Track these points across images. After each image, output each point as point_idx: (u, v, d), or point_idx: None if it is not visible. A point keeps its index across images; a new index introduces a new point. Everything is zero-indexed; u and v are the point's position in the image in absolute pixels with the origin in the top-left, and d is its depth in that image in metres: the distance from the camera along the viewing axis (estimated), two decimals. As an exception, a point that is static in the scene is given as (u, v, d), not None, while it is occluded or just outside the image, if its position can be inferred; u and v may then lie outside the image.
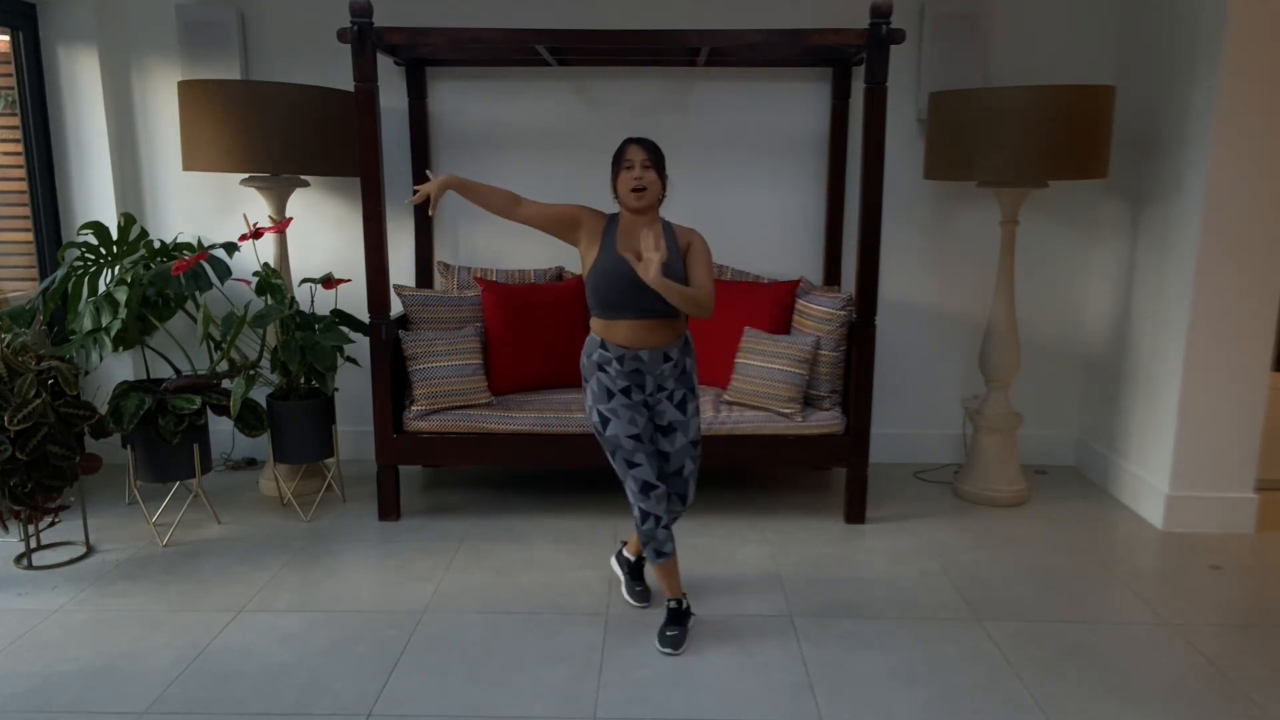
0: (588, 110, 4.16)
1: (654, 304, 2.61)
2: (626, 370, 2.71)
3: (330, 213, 4.27)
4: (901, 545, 3.49)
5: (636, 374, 2.71)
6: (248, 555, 3.38)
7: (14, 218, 4.08)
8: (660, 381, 2.74)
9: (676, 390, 2.76)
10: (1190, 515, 3.64)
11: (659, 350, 2.69)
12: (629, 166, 2.63)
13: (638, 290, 2.58)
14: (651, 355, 2.69)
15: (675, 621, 2.78)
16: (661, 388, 2.75)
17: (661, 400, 2.76)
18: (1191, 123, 3.50)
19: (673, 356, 2.73)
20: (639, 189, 2.62)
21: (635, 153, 2.63)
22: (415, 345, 3.63)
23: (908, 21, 4.02)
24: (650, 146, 2.66)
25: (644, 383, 2.73)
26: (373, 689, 2.53)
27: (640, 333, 2.67)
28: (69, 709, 2.43)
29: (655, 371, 2.72)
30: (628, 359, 2.69)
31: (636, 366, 2.70)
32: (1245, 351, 3.54)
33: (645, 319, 2.65)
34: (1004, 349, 3.84)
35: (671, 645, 2.71)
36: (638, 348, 2.68)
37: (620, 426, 2.70)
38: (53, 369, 3.21)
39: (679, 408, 2.76)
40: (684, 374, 2.77)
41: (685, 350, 2.77)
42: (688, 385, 2.78)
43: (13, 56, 3.94)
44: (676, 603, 2.80)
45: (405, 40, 3.35)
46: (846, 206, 4.13)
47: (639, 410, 2.74)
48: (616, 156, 2.67)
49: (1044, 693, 2.52)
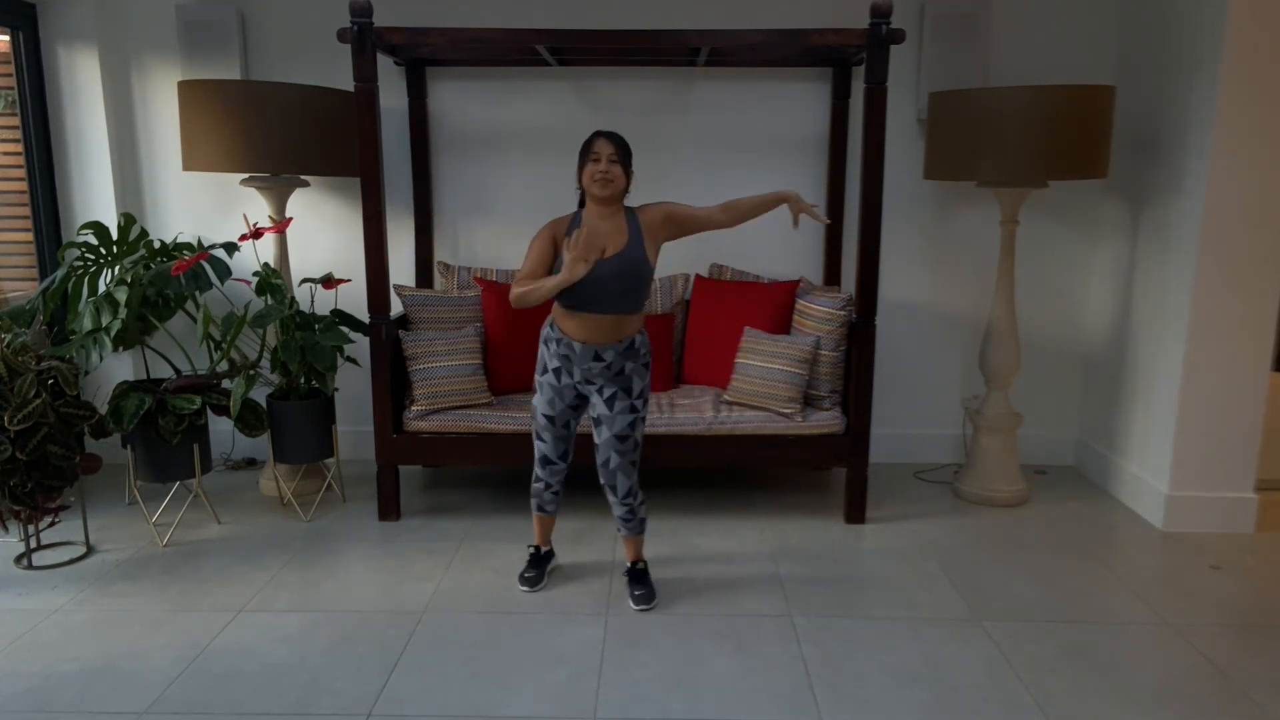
0: (588, 110, 4.16)
1: (605, 299, 2.73)
2: (559, 353, 2.86)
3: (330, 213, 4.28)
4: (901, 545, 3.49)
5: (565, 359, 2.84)
6: (248, 555, 3.38)
7: (14, 218, 4.08)
8: (588, 376, 2.84)
9: (606, 387, 2.86)
10: (1190, 515, 3.64)
11: (590, 347, 2.80)
12: (596, 159, 2.72)
13: (592, 287, 2.71)
14: (583, 349, 2.80)
15: (535, 564, 3.15)
16: (589, 381, 2.86)
17: (592, 393, 2.89)
18: (1191, 123, 3.50)
19: (605, 357, 2.81)
20: (604, 180, 2.71)
21: (603, 146, 2.71)
22: (415, 345, 3.63)
23: (908, 21, 4.02)
24: (618, 141, 2.74)
25: (572, 370, 2.85)
26: (373, 689, 2.53)
27: (583, 327, 2.78)
28: (69, 709, 2.43)
29: (583, 365, 2.83)
30: (561, 344, 2.83)
31: (566, 354, 2.83)
32: (1245, 351, 3.54)
33: (592, 314, 2.76)
34: (1004, 349, 3.84)
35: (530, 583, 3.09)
36: (571, 338, 2.81)
37: (540, 401, 2.94)
38: (53, 369, 3.21)
39: (606, 404, 2.86)
40: (619, 375, 2.84)
41: (627, 354, 2.83)
42: (621, 385, 2.86)
43: (13, 56, 3.94)
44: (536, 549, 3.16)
45: (405, 40, 3.35)
46: (846, 206, 4.13)
47: (562, 394, 2.90)
48: (584, 148, 2.75)
49: (1044, 693, 2.53)
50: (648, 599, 2.99)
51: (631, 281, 2.75)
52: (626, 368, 2.84)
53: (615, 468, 2.91)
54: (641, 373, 2.88)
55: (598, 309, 2.75)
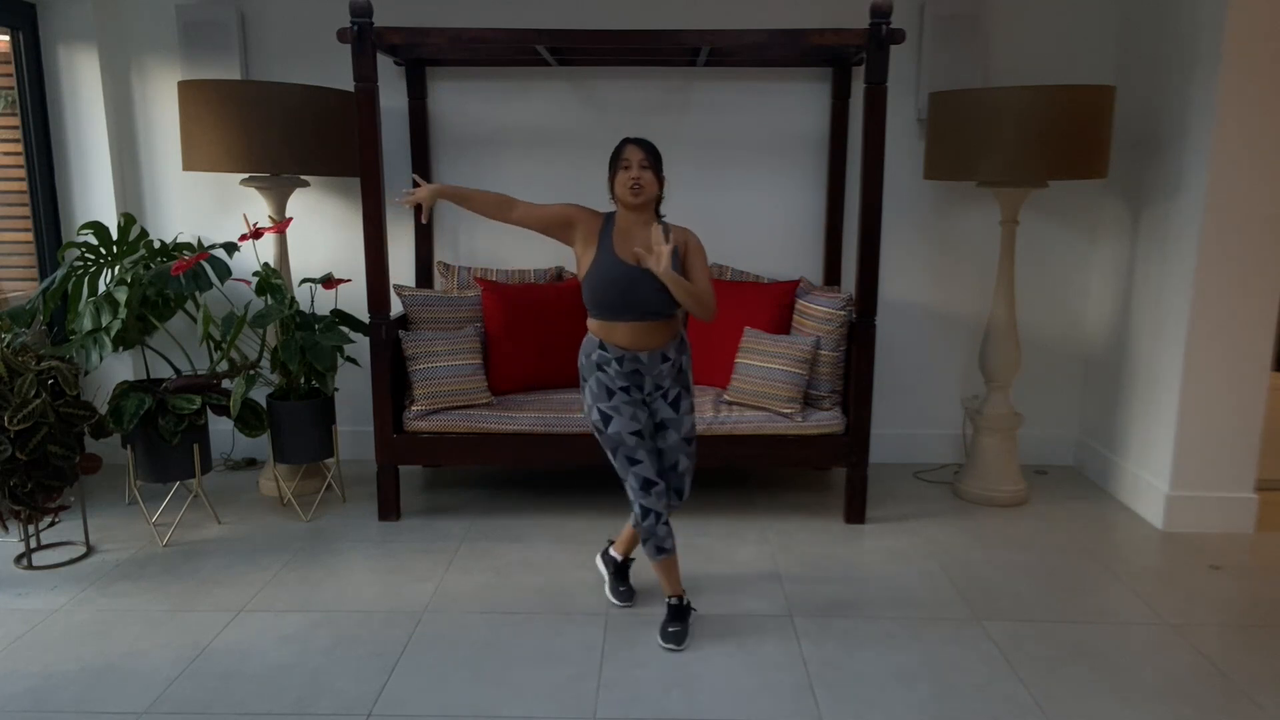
0: (588, 110, 4.16)
1: (652, 305, 2.65)
2: (626, 371, 2.73)
3: (330, 213, 4.27)
4: (901, 545, 3.49)
5: (636, 374, 2.74)
6: (248, 555, 3.38)
7: (14, 218, 4.08)
8: (658, 381, 2.77)
9: (672, 389, 2.80)
10: (1190, 515, 3.64)
11: (657, 351, 2.72)
12: (626, 166, 2.66)
13: (636, 292, 2.63)
14: (650, 356, 2.72)
15: (676, 618, 2.79)
16: (659, 387, 2.79)
17: (657, 399, 2.80)
18: (1191, 123, 3.50)
19: (670, 356, 2.76)
20: (636, 188, 2.65)
21: (633, 153, 2.66)
22: (415, 345, 3.63)
23: (908, 21, 4.02)
24: (648, 147, 2.69)
25: (643, 383, 2.76)
26: (373, 689, 2.53)
27: (639, 334, 2.69)
28: (69, 709, 2.43)
29: (654, 372, 2.75)
30: (627, 360, 2.72)
31: (636, 368, 2.73)
32: (1245, 351, 3.54)
33: (644, 320, 2.68)
34: (1004, 349, 3.84)
35: (674, 641, 2.73)
36: (637, 349, 2.71)
37: (622, 424, 2.73)
38: (53, 369, 3.21)
39: (673, 405, 2.81)
40: (680, 373, 2.82)
41: (681, 349, 2.81)
42: (683, 384, 2.83)
43: (13, 56, 3.94)
44: (677, 600, 2.81)
45: (405, 40, 3.35)
46: (846, 206, 4.13)
47: (639, 407, 2.77)
48: (614, 156, 2.70)
49: (1044, 693, 2.52)
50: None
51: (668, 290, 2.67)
52: (684, 363, 2.83)
53: (684, 470, 2.85)
54: (690, 366, 2.87)
55: (647, 316, 2.68)
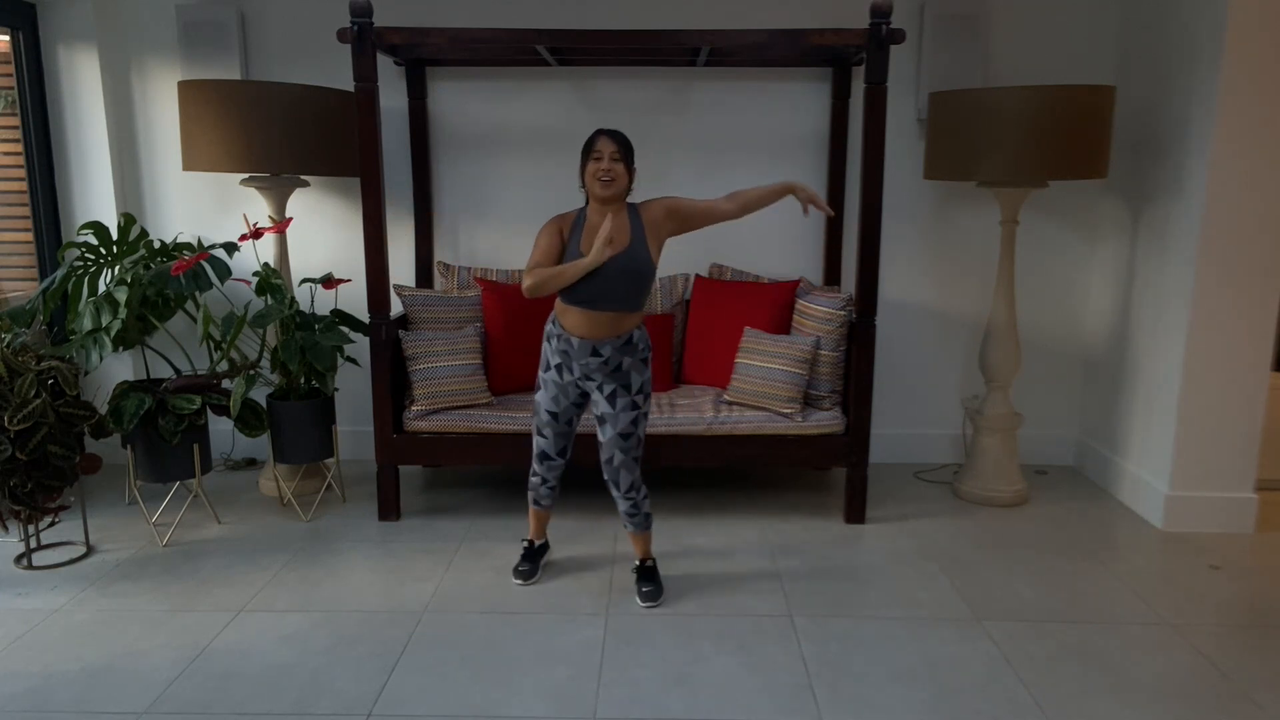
0: (588, 110, 4.16)
1: (606, 296, 2.75)
2: (559, 349, 2.87)
3: (330, 213, 4.28)
4: (901, 545, 3.49)
5: (565, 355, 2.86)
6: (248, 555, 3.38)
7: (14, 218, 4.08)
8: (586, 372, 2.86)
9: (606, 384, 2.87)
10: (1190, 515, 3.64)
11: (588, 342, 2.81)
12: (598, 158, 2.73)
13: (595, 284, 2.73)
14: (580, 345, 2.82)
15: (525, 559, 3.17)
16: (588, 377, 2.87)
17: (592, 390, 2.90)
18: (1191, 123, 3.50)
19: (602, 353, 2.82)
20: (606, 179, 2.71)
21: (605, 144, 2.72)
22: (415, 345, 3.63)
23: (908, 21, 4.02)
24: (620, 139, 2.75)
25: (571, 366, 2.86)
26: (373, 689, 2.53)
27: (582, 322, 2.80)
28: (69, 709, 2.43)
29: (581, 361, 2.84)
30: (561, 339, 2.85)
31: (565, 349, 2.85)
32: (1245, 351, 3.54)
33: (592, 310, 2.77)
34: (1004, 349, 3.84)
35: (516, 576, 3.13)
36: (570, 334, 2.83)
37: (543, 398, 2.96)
38: (53, 369, 3.21)
39: (608, 401, 2.87)
40: (617, 370, 2.85)
41: (625, 350, 2.84)
42: (620, 382, 2.86)
43: (13, 56, 3.94)
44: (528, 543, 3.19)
45: (405, 40, 3.35)
46: (846, 206, 4.13)
47: (566, 391, 2.92)
48: (586, 147, 2.77)
49: (1044, 693, 2.53)
50: (654, 595, 3.00)
51: (635, 281, 2.77)
52: (624, 363, 2.85)
53: (619, 464, 2.92)
54: (640, 368, 2.88)
55: (602, 305, 2.76)
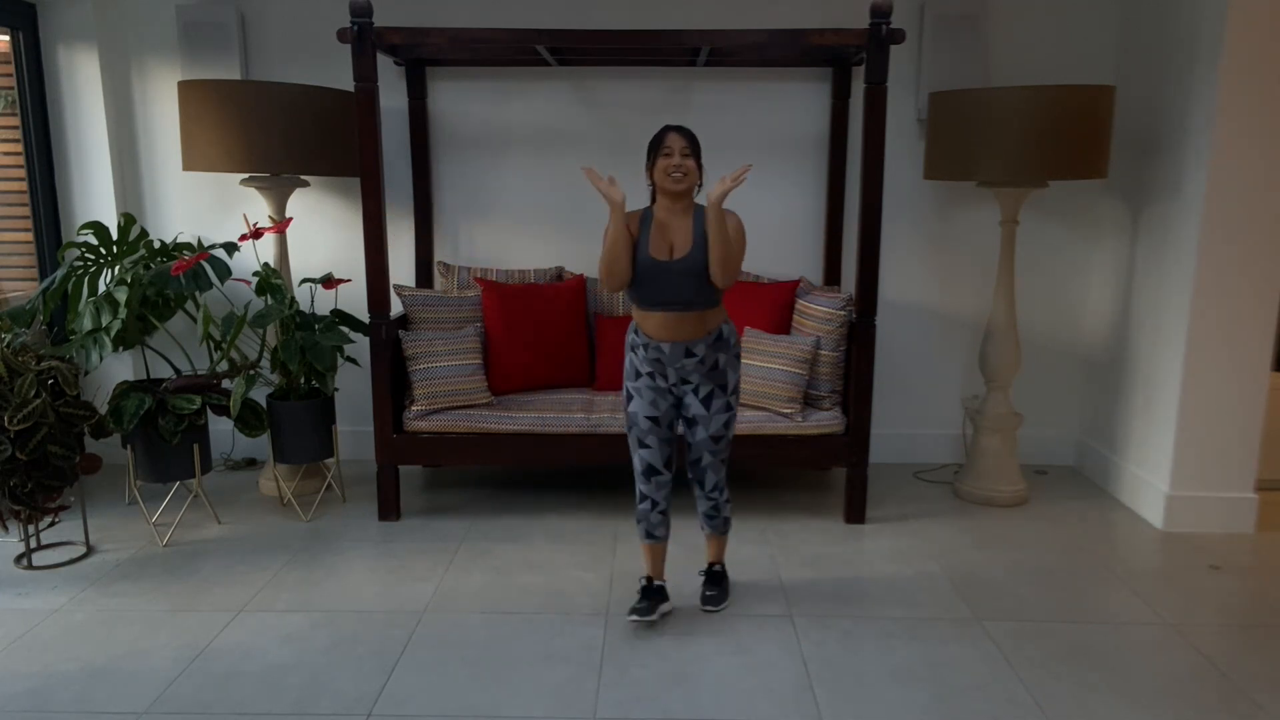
0: (588, 110, 4.16)
1: (679, 298, 2.70)
2: (649, 358, 2.78)
3: (330, 213, 4.27)
4: (901, 545, 3.49)
5: (658, 363, 2.78)
6: (248, 555, 3.38)
7: (14, 218, 4.08)
8: (683, 375, 2.79)
9: (702, 385, 2.79)
10: (1190, 515, 3.64)
11: (680, 345, 2.74)
12: (668, 154, 2.69)
13: (662, 286, 2.69)
14: (673, 349, 2.74)
15: (644, 596, 2.91)
16: (685, 380, 2.80)
17: (687, 393, 2.81)
18: (1191, 123, 3.50)
19: (696, 352, 2.75)
20: (679, 175, 2.68)
21: (675, 140, 2.69)
22: (415, 345, 3.63)
23: (908, 21, 4.02)
24: (689, 135, 2.72)
25: (666, 373, 2.79)
26: (373, 689, 2.53)
27: (664, 326, 2.73)
28: (69, 709, 2.43)
29: (676, 365, 2.77)
30: (650, 348, 2.76)
31: (657, 357, 2.77)
32: (1245, 351, 3.54)
33: (671, 312, 2.71)
34: (1004, 349, 3.84)
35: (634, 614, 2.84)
36: (660, 340, 2.75)
37: (639, 405, 2.82)
38: (53, 369, 3.21)
39: (703, 403, 2.80)
40: (714, 370, 2.78)
41: (718, 346, 2.77)
42: (717, 382, 2.79)
43: (13, 56, 3.94)
44: (647, 581, 2.94)
45: (405, 40, 3.35)
46: (846, 206, 4.13)
47: (662, 395, 2.81)
48: (654, 143, 2.72)
49: (1044, 693, 2.53)
50: (718, 601, 2.98)
51: (698, 280, 2.69)
52: (720, 360, 2.78)
53: (706, 465, 2.87)
54: (735, 364, 2.83)
55: (675, 307, 2.70)
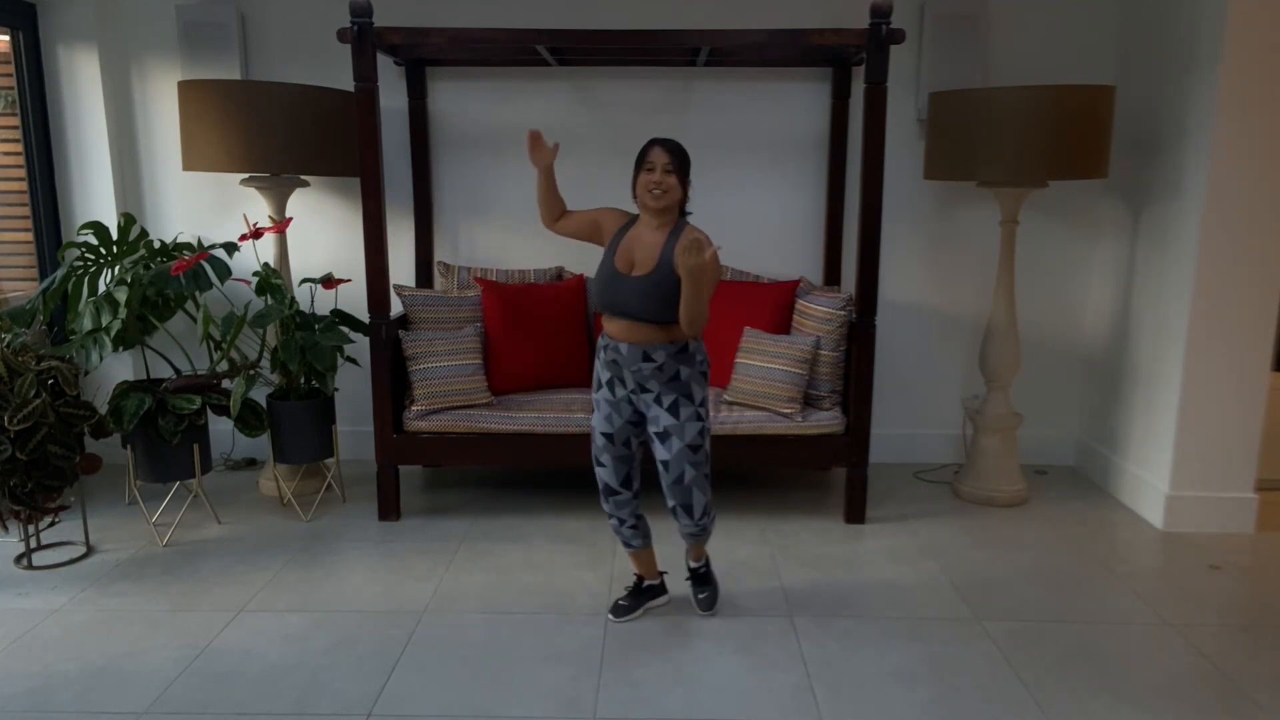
0: (588, 110, 4.16)
1: (628, 310, 2.63)
2: (607, 360, 2.73)
3: (330, 213, 4.28)
4: (901, 545, 3.49)
5: (615, 365, 2.71)
6: (248, 555, 3.38)
7: (14, 218, 4.08)
8: (640, 381, 2.68)
9: (665, 394, 2.68)
10: (1190, 515, 3.64)
11: (638, 347, 2.65)
12: (650, 169, 2.60)
13: (617, 295, 2.65)
14: (630, 350, 2.66)
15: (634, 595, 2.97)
16: (644, 388, 2.69)
17: (650, 404, 2.70)
18: (1191, 123, 3.50)
19: (655, 358, 2.64)
20: (658, 192, 2.60)
21: (658, 155, 2.59)
22: (415, 345, 3.63)
23: (908, 21, 4.02)
24: (675, 149, 2.62)
25: (624, 377, 2.71)
26: (373, 689, 2.53)
27: (623, 328, 2.68)
28: (69, 709, 2.43)
29: (632, 368, 2.67)
30: (609, 349, 2.72)
31: (615, 358, 2.70)
32: (1245, 351, 3.54)
33: (622, 319, 2.66)
34: (1004, 349, 3.84)
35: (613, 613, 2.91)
36: (618, 339, 2.69)
37: (597, 420, 2.80)
38: (53, 369, 3.21)
39: (670, 412, 2.68)
40: (675, 380, 2.67)
41: (680, 358, 2.66)
42: (682, 392, 2.68)
43: (13, 56, 3.94)
44: (637, 579, 2.98)
45: (405, 40, 3.35)
46: (846, 206, 4.13)
47: (617, 408, 2.74)
48: (639, 157, 2.64)
49: (1044, 693, 2.52)
50: (710, 602, 2.96)
51: (652, 295, 2.61)
52: (681, 372, 2.66)
53: (690, 482, 2.71)
54: (700, 381, 2.71)
55: (627, 317, 2.64)
